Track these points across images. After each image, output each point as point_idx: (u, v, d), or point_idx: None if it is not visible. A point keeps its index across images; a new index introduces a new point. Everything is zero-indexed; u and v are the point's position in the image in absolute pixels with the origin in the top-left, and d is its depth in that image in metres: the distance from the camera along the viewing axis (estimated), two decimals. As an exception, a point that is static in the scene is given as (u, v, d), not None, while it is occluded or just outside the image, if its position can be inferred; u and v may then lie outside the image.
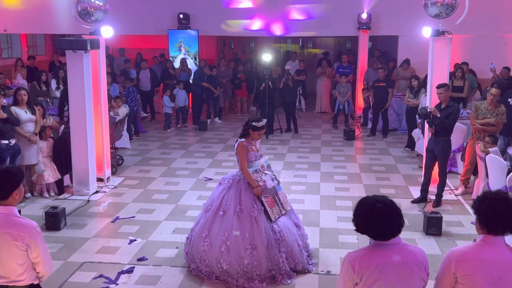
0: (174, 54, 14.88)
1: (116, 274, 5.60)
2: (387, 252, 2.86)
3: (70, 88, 7.93)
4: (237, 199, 5.47)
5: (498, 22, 13.38)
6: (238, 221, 5.34)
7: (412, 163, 9.98)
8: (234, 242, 5.29)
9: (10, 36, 16.25)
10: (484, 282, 2.80)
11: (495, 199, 2.86)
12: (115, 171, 9.21)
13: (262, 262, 5.27)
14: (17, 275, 3.34)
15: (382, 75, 12.04)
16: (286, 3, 14.36)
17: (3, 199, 3.32)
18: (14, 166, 4.03)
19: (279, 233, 5.42)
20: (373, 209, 2.85)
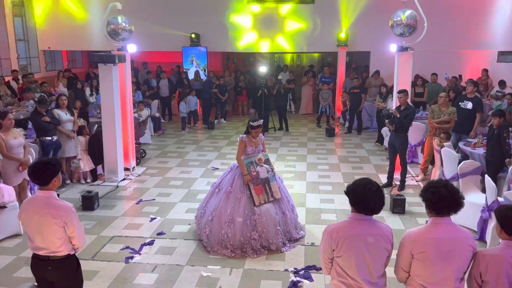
0: (187, 67, 14.78)
1: (139, 246, 5.58)
2: (360, 226, 2.84)
3: (102, 94, 7.89)
4: (231, 182, 5.59)
5: (452, 39, 13.32)
6: (226, 199, 5.50)
7: (381, 155, 9.93)
8: (218, 215, 5.46)
9: (53, 53, 16.14)
10: (436, 256, 2.76)
11: (437, 186, 2.81)
12: (139, 162, 9.15)
13: (236, 235, 5.35)
14: (56, 247, 3.31)
15: (357, 83, 12.00)
16: (278, 28, 14.27)
17: (45, 185, 3.29)
18: (54, 158, 3.97)
19: (258, 215, 5.38)
20: (366, 187, 2.82)
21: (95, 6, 14.43)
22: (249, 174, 5.48)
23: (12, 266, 5.12)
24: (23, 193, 6.23)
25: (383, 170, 8.70)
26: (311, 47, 14.71)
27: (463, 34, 13.49)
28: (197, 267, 5.09)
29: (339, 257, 2.84)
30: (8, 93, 11.00)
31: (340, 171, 8.71)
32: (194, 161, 9.45)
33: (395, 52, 7.84)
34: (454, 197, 2.77)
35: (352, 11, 13.87)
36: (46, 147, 7.26)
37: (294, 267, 5.07)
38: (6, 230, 5.75)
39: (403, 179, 7.62)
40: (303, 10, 14.19)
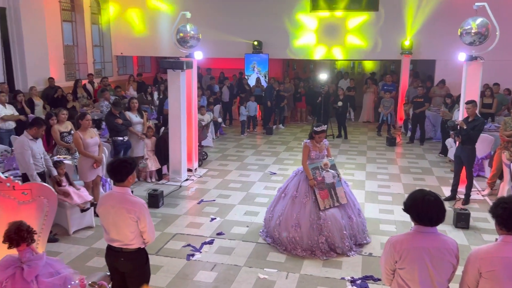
0: (248, 73, 15.06)
1: (200, 244, 5.77)
2: (424, 238, 2.78)
3: (170, 99, 8.24)
4: (296, 186, 5.67)
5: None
6: (292, 204, 5.59)
7: (444, 167, 9.53)
8: (285, 219, 5.56)
9: (125, 58, 17.09)
10: (505, 276, 2.63)
11: (508, 202, 2.69)
12: (201, 164, 9.45)
13: (303, 238, 5.44)
14: (129, 240, 3.52)
15: (421, 92, 11.60)
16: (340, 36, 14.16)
17: (121, 181, 3.52)
18: (130, 157, 4.22)
19: (324, 220, 5.42)
20: (423, 198, 2.77)
21: (164, 15, 15.12)
22: (315, 179, 5.52)
23: (85, 255, 5.50)
24: (96, 189, 6.67)
25: (446, 182, 8.35)
26: (374, 55, 14.43)
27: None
28: (254, 268, 5.19)
29: (402, 269, 2.80)
30: (85, 95, 11.81)
31: (400, 182, 8.46)
32: (252, 165, 9.60)
33: (463, 61, 7.51)
34: None
35: (417, 18, 13.46)
36: (118, 147, 7.71)
37: (351, 276, 5.01)
38: (80, 222, 6.19)
39: (468, 193, 7.27)
40: (367, 18, 13.97)
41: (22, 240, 2.61)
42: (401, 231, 6.18)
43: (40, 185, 3.20)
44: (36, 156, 5.77)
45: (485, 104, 10.57)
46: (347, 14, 14.13)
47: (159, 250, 5.60)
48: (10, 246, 2.64)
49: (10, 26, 11.28)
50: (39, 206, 3.03)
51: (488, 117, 10.35)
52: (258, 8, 14.36)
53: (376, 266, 5.22)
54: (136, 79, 14.63)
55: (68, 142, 7.19)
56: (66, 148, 7.18)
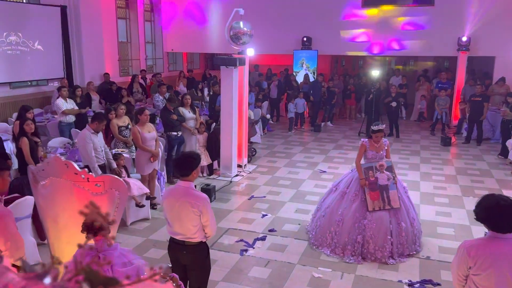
0: (297, 70, 14.98)
1: (252, 240, 5.82)
2: (502, 244, 2.66)
3: (222, 95, 8.34)
4: (348, 183, 5.62)
5: None
6: (340, 199, 5.57)
7: (505, 169, 9.06)
8: (330, 212, 5.57)
9: (175, 54, 17.48)
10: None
11: None
12: (250, 160, 9.51)
13: (343, 235, 5.37)
14: (191, 234, 3.61)
15: (479, 91, 11.09)
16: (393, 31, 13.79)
17: (186, 176, 3.61)
18: (195, 151, 4.27)
19: (369, 221, 5.29)
20: (498, 204, 2.66)
21: (214, 12, 15.32)
22: (367, 178, 5.41)
23: (142, 247, 5.68)
24: (152, 182, 6.87)
25: (507, 185, 7.96)
26: (429, 51, 13.94)
27: None
28: (308, 267, 5.16)
29: (477, 275, 2.69)
30: (139, 90, 12.19)
31: (457, 184, 8.14)
32: (301, 163, 9.55)
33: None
34: None
35: (476, 13, 12.85)
36: (172, 141, 7.91)
37: (409, 279, 4.88)
38: (137, 214, 6.40)
39: (533, 198, 6.88)
40: (422, 12, 13.51)
41: (101, 230, 2.73)
42: (460, 235, 5.95)
43: (113, 177, 3.34)
44: (97, 149, 6.02)
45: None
46: (401, 9, 13.73)
47: (213, 244, 5.69)
48: (89, 235, 2.78)
49: (70, 24, 11.82)
50: (110, 198, 3.16)
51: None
52: (308, 3, 14.23)
53: (434, 270, 5.07)
54: (186, 75, 14.93)
55: (126, 136, 7.44)
56: (123, 142, 7.44)
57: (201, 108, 11.18)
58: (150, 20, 15.86)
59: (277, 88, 13.99)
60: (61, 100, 8.87)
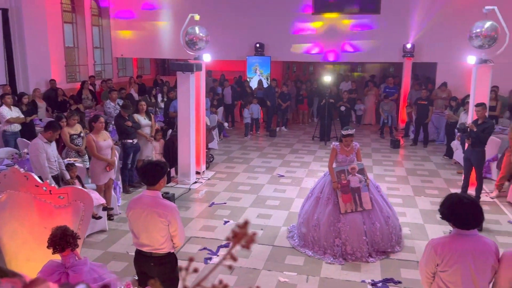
0: (250, 76, 15.06)
1: (216, 247, 5.75)
2: (466, 241, 2.79)
3: (179, 101, 8.21)
4: (321, 188, 5.74)
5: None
6: (315, 204, 5.68)
7: (451, 169, 9.59)
8: (307, 218, 5.69)
9: (125, 60, 17.01)
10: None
11: None
12: (208, 166, 9.42)
13: (321, 238, 5.50)
14: (159, 244, 3.50)
15: (424, 95, 11.68)
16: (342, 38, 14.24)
17: (153, 185, 3.50)
18: (162, 160, 4.17)
19: (343, 223, 5.42)
20: (461, 202, 2.79)
21: (165, 17, 15.08)
22: (339, 182, 5.51)
23: (101, 260, 5.43)
24: (108, 192, 6.61)
25: (454, 184, 8.41)
26: (376, 57, 14.51)
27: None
28: (274, 272, 5.17)
29: (444, 272, 2.80)
30: (90, 97, 11.73)
31: (409, 184, 8.50)
32: (259, 168, 9.58)
33: (473, 64, 7.58)
34: None
35: (419, 21, 13.56)
36: (127, 149, 7.67)
37: (371, 279, 5.02)
38: (93, 226, 6.12)
39: (478, 195, 7.32)
40: (368, 20, 14.06)
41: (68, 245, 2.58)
42: (415, 233, 6.21)
43: (77, 189, 3.17)
44: (50, 159, 5.72)
45: (489, 107, 10.65)
46: (349, 17, 14.20)
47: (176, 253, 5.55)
48: (55, 251, 2.61)
49: (12, 27, 11.17)
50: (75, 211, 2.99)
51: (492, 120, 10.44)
52: (261, 10, 14.37)
53: (395, 269, 5.24)
54: (136, 81, 14.55)
55: (78, 145, 7.13)
56: (75, 151, 7.11)
57: (156, 115, 10.93)
58: (98, 24, 15.35)
59: (232, 93, 13.98)
60: (5, 108, 8.36)
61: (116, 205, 6.81)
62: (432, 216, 6.75)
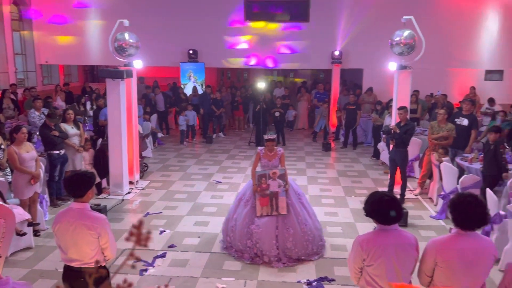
0: (184, 82, 14.94)
1: (152, 258, 5.61)
2: (389, 235, 2.97)
3: (109, 109, 7.94)
4: (245, 191, 5.86)
5: (443, 58, 13.75)
6: (236, 206, 5.82)
7: (378, 169, 10.13)
8: (228, 218, 5.86)
9: (50, 67, 16.14)
10: (459, 265, 2.86)
11: (464, 204, 2.87)
12: (142, 175, 9.18)
13: (236, 238, 5.62)
14: (89, 258, 3.37)
15: (352, 100, 12.26)
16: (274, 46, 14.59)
17: (80, 197, 3.36)
18: (89, 170, 4.01)
19: (256, 226, 5.50)
20: (382, 199, 2.95)
21: (93, 22, 14.54)
22: (259, 185, 5.59)
23: (28, 279, 5.10)
24: (33, 206, 6.22)
25: (381, 184, 8.88)
26: (306, 64, 15.00)
27: (453, 53, 13.96)
28: (211, 279, 5.15)
29: (370, 266, 2.96)
30: (11, 107, 10.98)
31: (340, 185, 8.86)
32: (196, 175, 9.51)
33: (394, 70, 8.09)
34: (482, 217, 2.85)
35: (345, 29, 14.24)
36: (54, 161, 7.27)
37: (307, 279, 5.16)
38: (18, 244, 5.73)
39: (403, 193, 7.80)
40: (299, 28, 14.52)
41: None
42: (347, 232, 6.48)
43: (-5, 204, 2.95)
44: (-35, 174, 5.27)
45: (410, 109, 11.40)
46: (280, 25, 14.58)
47: (109, 267, 5.34)
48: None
49: None
50: (-7, 228, 2.79)
51: (414, 122, 11.19)
52: (193, 16, 14.34)
53: (329, 267, 5.43)
54: (63, 89, 13.86)
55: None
56: (-5, 164, 6.61)
57: (85, 124, 10.47)
58: (19, 29, 14.43)
59: (164, 100, 13.74)
60: None
61: (42, 220, 6.42)
62: (362, 214, 7.02)
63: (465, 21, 13.90)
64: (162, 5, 14.38)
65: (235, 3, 14.46)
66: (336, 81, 14.57)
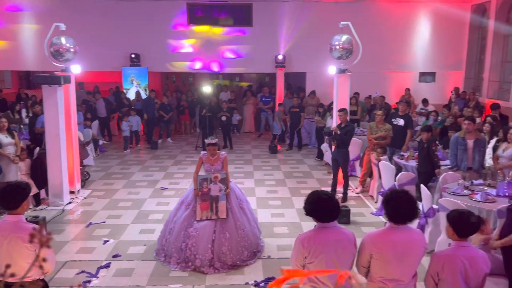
0: (127, 87, 14.60)
1: (95, 269, 5.45)
2: (328, 232, 3.10)
3: (46, 116, 7.61)
4: (187, 194, 5.87)
5: (379, 62, 14.45)
6: (178, 208, 5.81)
7: (322, 169, 10.45)
8: (168, 220, 5.85)
9: (-21, 72, 15.17)
10: (392, 257, 3.06)
11: (396, 199, 3.05)
12: (83, 184, 8.87)
13: (171, 241, 5.61)
14: (25, 272, 3.22)
15: (296, 103, 12.56)
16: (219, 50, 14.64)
17: (14, 208, 3.22)
18: (23, 181, 3.84)
19: (194, 229, 5.50)
20: (320, 198, 3.08)
21: (27, 26, 13.86)
22: (201, 189, 5.60)
23: (-43, 299, 4.78)
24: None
25: (325, 183, 9.16)
26: (251, 68, 15.18)
27: (389, 57, 14.70)
28: (158, 286, 5.09)
29: (311, 263, 3.08)
30: None
31: (286, 186, 9.04)
32: (141, 182, 9.32)
33: (334, 74, 8.40)
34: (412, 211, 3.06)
35: (287, 34, 14.57)
36: (-14, 172, 6.86)
37: (254, 280, 5.23)
38: None
39: (345, 192, 8.10)
40: (242, 33, 14.68)
41: None
42: (293, 232, 6.63)
43: None
44: None
45: (351, 111, 11.87)
46: (224, 29, 14.65)
47: (50, 281, 5.12)
48: None
49: None
50: None
51: (354, 123, 11.65)
52: (135, 20, 14.07)
53: (276, 267, 5.53)
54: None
55: None
56: None
57: (20, 132, 9.94)
58: None
59: (105, 106, 13.35)
60: None
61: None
62: (307, 214, 7.27)
63: (399, 26, 14.70)
64: (102, 8, 13.99)
65: (177, 7, 14.35)
66: (280, 84, 14.85)
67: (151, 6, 14.15)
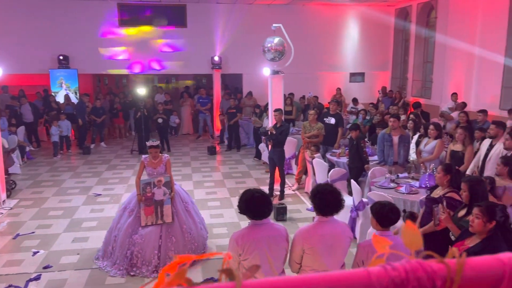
0: (56, 90, 13.91)
1: (24, 282, 5.18)
2: (261, 229, 3.21)
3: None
4: (130, 200, 5.75)
5: (311, 63, 14.95)
6: (121, 215, 5.67)
7: (260, 169, 10.62)
8: (112, 227, 5.72)
9: None
10: (322, 249, 3.22)
11: (322, 192, 3.22)
12: (9, 194, 8.36)
13: (117, 249, 5.50)
14: None
15: (233, 104, 12.66)
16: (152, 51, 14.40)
17: None
18: None
19: (140, 236, 5.43)
20: (253, 196, 3.17)
21: None
22: (144, 194, 5.51)
23: None
24: None
25: (263, 182, 9.34)
26: (187, 69, 15.07)
27: (321, 58, 15.26)
28: (93, 295, 4.95)
29: (245, 260, 3.17)
30: None
31: (225, 187, 9.10)
32: (73, 189, 8.95)
33: (268, 75, 8.59)
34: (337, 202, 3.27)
35: (223, 35, 14.65)
36: None
37: (193, 281, 5.23)
38: None
39: (282, 189, 8.32)
40: (177, 34, 14.54)
41: None
42: (232, 231, 6.66)
43: None
44: None
45: (286, 111, 12.20)
46: (158, 30, 14.43)
47: (-28, 299, 4.82)
48: None
49: None
50: None
51: (290, 122, 11.98)
52: (63, 20, 13.46)
53: (216, 268, 5.57)
54: None
55: None
56: None
57: None
58: None
59: (31, 110, 12.63)
60: None
61: None
62: (246, 213, 7.39)
63: (330, 29, 15.31)
64: (26, 7, 13.23)
65: (107, 7, 13.92)
66: (217, 85, 14.88)
67: (80, 5, 13.61)
